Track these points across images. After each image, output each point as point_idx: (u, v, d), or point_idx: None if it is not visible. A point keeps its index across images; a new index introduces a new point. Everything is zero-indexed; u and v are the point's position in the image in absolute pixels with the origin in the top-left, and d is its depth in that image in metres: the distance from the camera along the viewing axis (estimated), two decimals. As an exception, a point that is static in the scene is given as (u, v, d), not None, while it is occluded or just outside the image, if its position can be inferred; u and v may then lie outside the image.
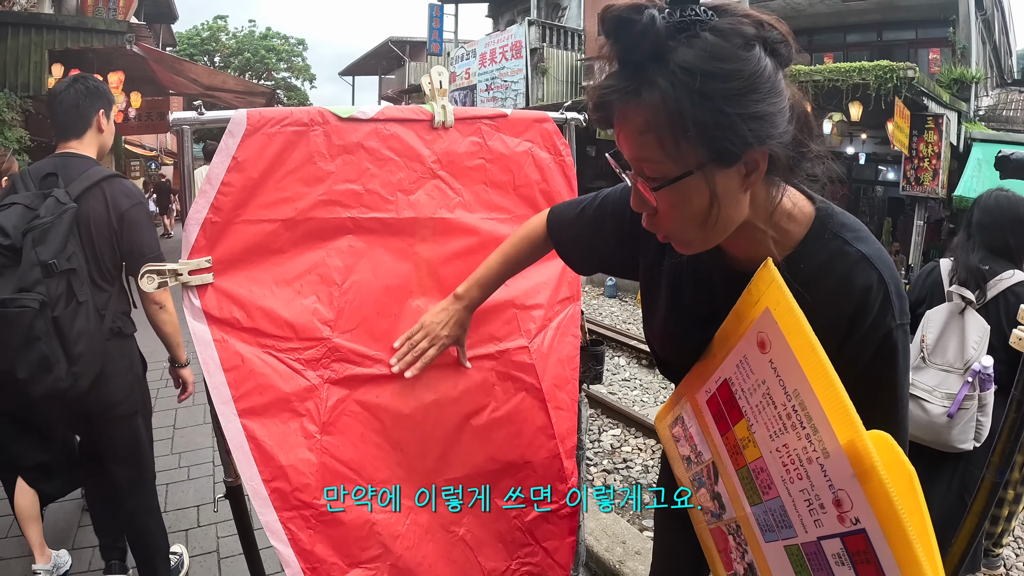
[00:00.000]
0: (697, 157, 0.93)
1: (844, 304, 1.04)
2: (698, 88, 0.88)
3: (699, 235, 1.04)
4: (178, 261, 1.59)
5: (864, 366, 1.05)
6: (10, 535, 3.41)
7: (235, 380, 1.59)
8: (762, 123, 0.92)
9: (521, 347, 1.97)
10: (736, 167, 0.96)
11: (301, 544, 1.62)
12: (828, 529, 0.96)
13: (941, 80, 11.43)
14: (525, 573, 2.00)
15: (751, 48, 0.91)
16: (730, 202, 0.99)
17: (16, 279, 2.15)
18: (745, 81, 0.90)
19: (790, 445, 1.01)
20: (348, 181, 1.72)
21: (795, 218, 1.09)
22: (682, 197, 0.98)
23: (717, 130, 0.90)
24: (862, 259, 1.04)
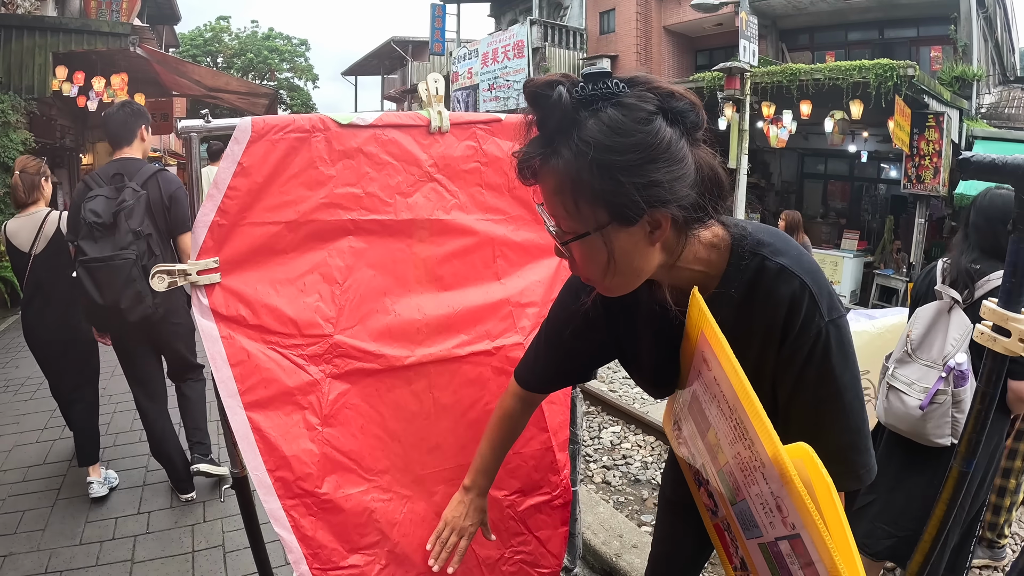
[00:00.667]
0: (598, 219, 1.04)
1: (775, 314, 1.13)
2: (597, 159, 0.98)
3: (613, 282, 1.13)
4: (187, 262, 1.67)
5: (802, 364, 1.13)
6: (19, 531, 3.48)
7: (241, 374, 1.67)
8: (658, 190, 1.00)
9: (516, 343, 2.04)
10: (639, 226, 1.04)
11: (303, 531, 1.70)
12: (779, 531, 1.05)
13: (942, 78, 11.43)
14: (518, 562, 2.07)
15: (651, 121, 0.99)
16: (637, 255, 1.09)
17: (113, 242, 3.12)
18: (641, 153, 0.98)
19: (741, 454, 1.10)
20: (348, 184, 1.80)
21: (716, 247, 1.18)
22: (588, 251, 1.09)
23: (614, 196, 1.00)
24: (782, 271, 1.13)
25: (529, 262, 2.11)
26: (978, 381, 1.36)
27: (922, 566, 1.48)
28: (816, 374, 1.13)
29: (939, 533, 1.45)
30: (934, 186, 9.78)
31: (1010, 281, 1.29)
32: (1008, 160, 1.23)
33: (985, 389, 1.34)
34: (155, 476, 4.12)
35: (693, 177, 1.04)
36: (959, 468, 1.39)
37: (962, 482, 1.40)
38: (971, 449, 1.37)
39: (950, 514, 1.43)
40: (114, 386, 5.80)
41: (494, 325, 2.02)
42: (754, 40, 11.88)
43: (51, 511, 3.70)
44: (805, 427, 1.15)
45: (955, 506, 1.42)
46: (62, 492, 3.91)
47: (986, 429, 1.37)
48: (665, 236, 1.08)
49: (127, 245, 3.14)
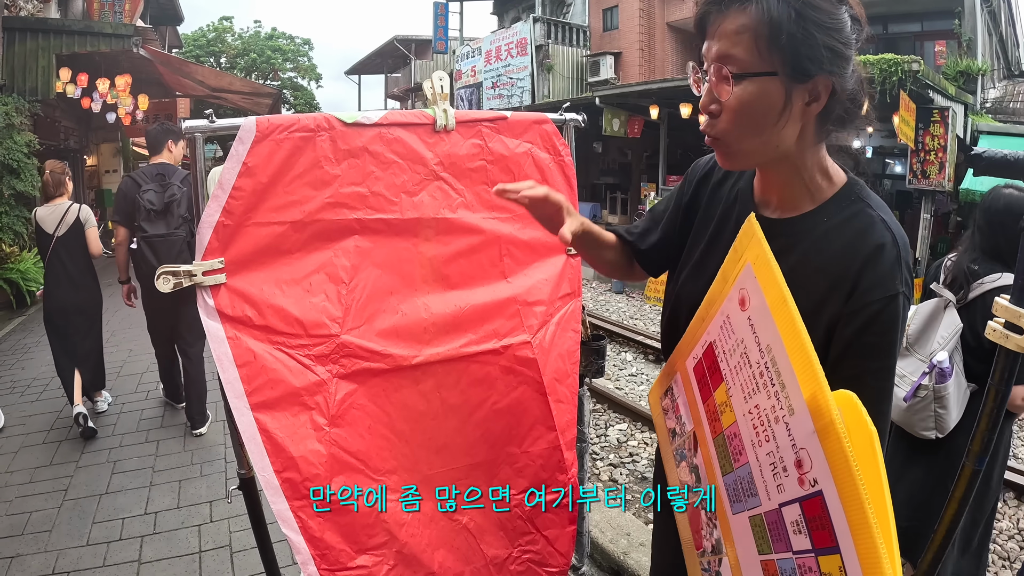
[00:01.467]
0: (780, 63, 1.07)
1: (855, 256, 1.11)
2: (798, 9, 1.04)
3: (749, 144, 1.15)
4: (192, 263, 1.66)
5: (864, 325, 1.10)
6: (26, 532, 3.49)
7: (248, 375, 1.66)
8: (836, 57, 1.07)
9: (523, 342, 2.04)
10: (804, 88, 1.09)
11: (311, 532, 1.70)
12: (789, 494, 0.98)
13: (947, 72, 11.40)
14: (526, 560, 2.07)
15: (841, 4, 1.08)
16: (787, 121, 1.11)
17: (167, 223, 4.32)
18: (832, 19, 1.06)
19: (761, 405, 1.04)
20: (354, 184, 1.79)
21: (830, 177, 1.20)
22: (755, 95, 1.10)
23: (803, 46, 1.05)
24: (880, 221, 1.13)
25: (536, 260, 2.10)
26: (990, 379, 1.35)
27: (932, 564, 1.47)
28: (873, 343, 1.10)
29: (950, 531, 1.43)
30: (939, 181, 9.74)
31: (1022, 278, 1.28)
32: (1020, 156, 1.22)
33: (998, 387, 1.33)
34: (161, 477, 4.13)
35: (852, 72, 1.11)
36: (972, 466, 1.37)
37: (974, 480, 1.39)
38: (984, 447, 1.35)
39: (961, 512, 1.42)
40: (120, 386, 5.83)
41: (501, 324, 2.01)
42: (758, 36, 11.82)
43: (58, 512, 3.71)
44: None
45: (967, 504, 1.40)
46: (69, 493, 3.92)
47: (998, 427, 1.36)
48: (815, 113, 1.11)
49: (178, 226, 4.42)
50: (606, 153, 19.02)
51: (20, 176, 9.18)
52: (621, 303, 11.45)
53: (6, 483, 4.07)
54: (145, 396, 5.59)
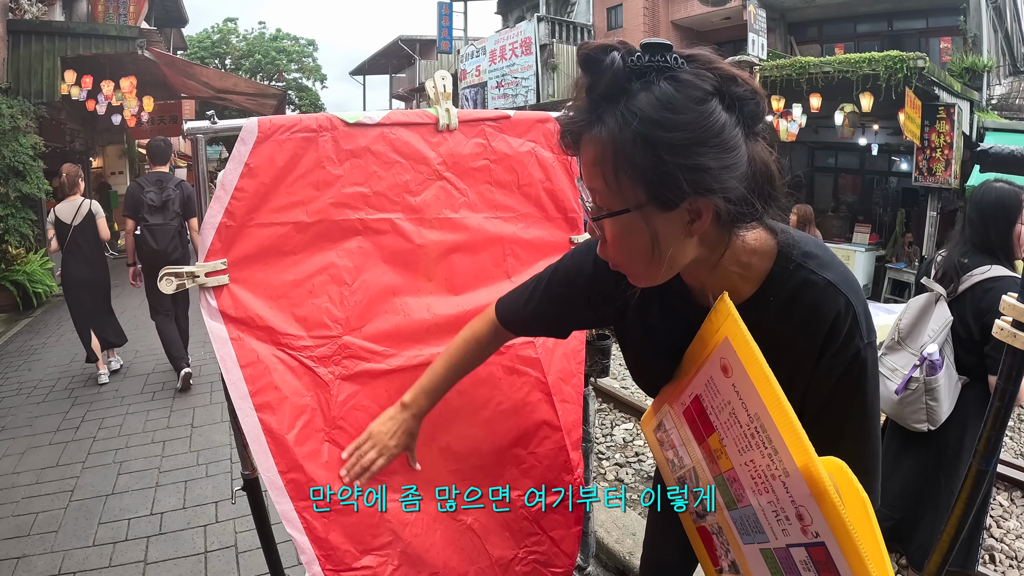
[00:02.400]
0: (637, 196, 0.97)
1: (816, 330, 1.09)
2: (642, 132, 0.92)
3: (644, 271, 1.07)
4: (195, 264, 1.66)
5: (835, 382, 1.11)
6: (32, 533, 3.50)
7: (251, 376, 1.66)
8: (703, 176, 0.93)
9: (527, 342, 2.03)
10: (677, 212, 0.98)
11: (316, 532, 1.69)
12: (794, 539, 1.02)
13: (952, 69, 11.33)
14: (532, 561, 2.06)
15: (705, 102, 0.93)
16: (673, 244, 1.02)
17: (164, 216, 5.58)
18: (690, 133, 0.92)
19: (756, 461, 1.07)
20: (356, 184, 1.79)
21: (759, 252, 1.12)
22: (623, 231, 1.02)
23: (655, 175, 0.94)
24: (828, 286, 1.08)
25: (539, 260, 2.09)
26: (998, 378, 1.34)
27: (940, 565, 1.46)
28: (847, 394, 1.12)
29: (958, 531, 1.42)
30: (946, 178, 9.70)
31: (1030, 275, 1.27)
32: None
33: (1005, 386, 1.31)
34: (167, 478, 4.14)
35: (744, 170, 0.97)
36: (978, 466, 1.36)
37: (981, 480, 1.37)
38: (990, 447, 1.34)
39: (969, 511, 1.41)
40: (127, 387, 5.85)
41: None
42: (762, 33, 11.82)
43: (64, 513, 3.72)
44: (826, 445, 1.09)
45: (974, 503, 1.39)
46: (75, 494, 3.94)
47: (1006, 426, 1.35)
48: (704, 228, 1.01)
49: (172, 219, 5.74)
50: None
51: (26, 178, 9.21)
52: (626, 302, 11.43)
53: (12, 484, 4.09)
54: (151, 397, 5.61)
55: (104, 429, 4.93)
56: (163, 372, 6.29)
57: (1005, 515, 4.15)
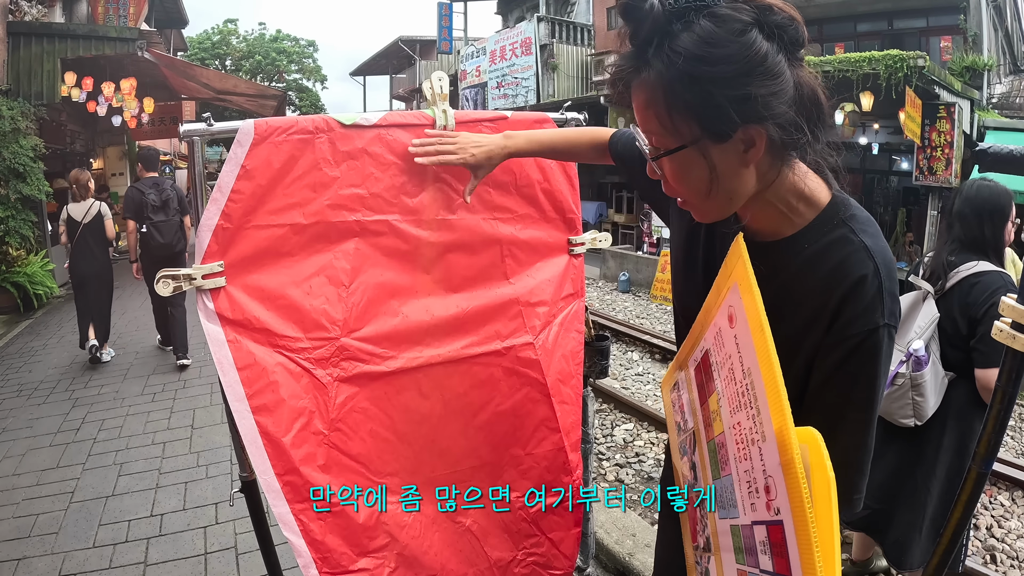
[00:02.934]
0: (691, 132, 1.00)
1: (835, 288, 1.06)
2: (688, 70, 0.95)
3: (706, 205, 1.09)
4: (192, 266, 1.66)
5: (844, 358, 1.07)
6: (33, 535, 3.50)
7: (248, 378, 1.66)
8: (752, 104, 0.96)
9: (526, 343, 2.03)
10: (731, 143, 1.00)
11: (313, 535, 1.69)
12: (759, 515, 0.99)
13: (953, 68, 11.32)
14: (531, 563, 2.06)
15: (745, 32, 0.95)
16: (730, 175, 1.04)
17: (166, 213, 6.33)
18: (735, 65, 0.95)
19: (742, 423, 1.03)
20: (353, 186, 1.78)
21: (808, 200, 1.12)
22: (682, 168, 1.05)
23: (706, 109, 0.97)
24: (862, 248, 1.06)
25: (538, 260, 2.10)
26: (997, 380, 1.33)
27: (937, 568, 1.45)
28: (854, 374, 1.07)
29: (956, 534, 1.41)
30: (946, 178, 9.68)
31: (1031, 275, 1.26)
32: None
33: (1004, 388, 1.30)
34: (167, 479, 4.14)
35: (791, 94, 1.00)
36: (978, 469, 1.35)
37: (981, 483, 1.36)
38: (990, 450, 1.33)
39: (968, 515, 1.40)
40: (127, 389, 5.84)
41: (504, 325, 2.01)
42: (762, 33, 11.78)
43: (64, 514, 3.72)
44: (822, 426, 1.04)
45: (973, 507, 1.39)
46: (75, 495, 3.93)
47: (1005, 428, 1.34)
48: (760, 156, 1.03)
49: (174, 215, 6.47)
50: (612, 152, 18.96)
51: (26, 180, 9.20)
52: (627, 302, 11.43)
53: (13, 486, 4.08)
54: (152, 399, 5.61)
55: (104, 431, 4.93)
56: (164, 374, 6.29)
57: (1006, 515, 4.14)
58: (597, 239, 2.26)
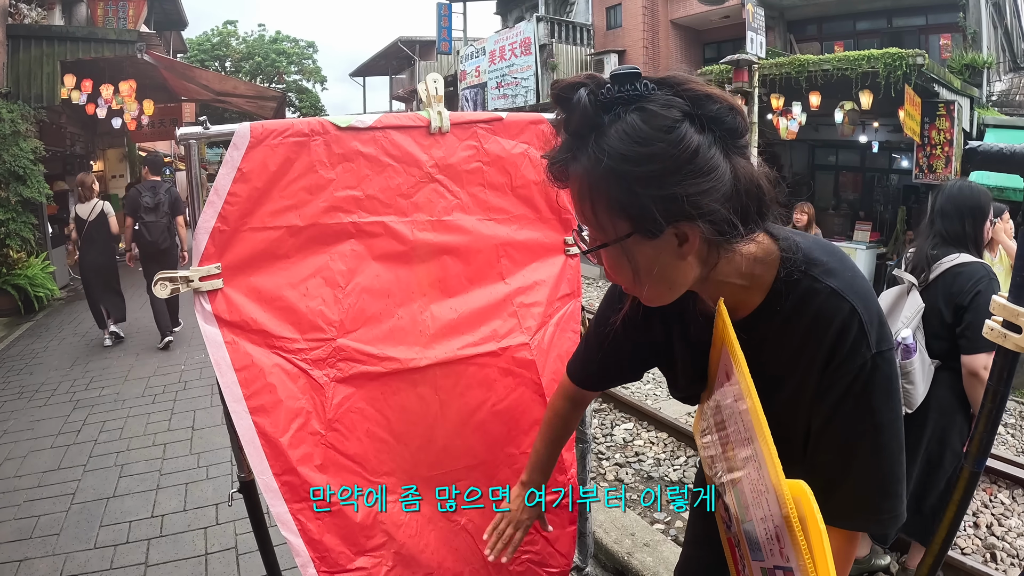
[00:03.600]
0: (617, 229, 0.98)
1: (821, 339, 1.06)
2: (613, 168, 0.93)
3: (646, 292, 1.07)
4: (189, 268, 1.66)
5: (841, 395, 1.07)
6: (34, 536, 3.51)
7: (245, 379, 1.67)
8: (679, 204, 0.93)
9: (522, 344, 2.04)
10: (664, 238, 0.97)
11: (310, 534, 1.70)
12: (776, 560, 1.02)
13: (952, 66, 11.31)
14: (526, 561, 2.07)
15: (674, 129, 0.92)
16: (669, 268, 1.02)
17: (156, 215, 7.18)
18: (660, 164, 0.92)
19: (751, 474, 1.07)
20: (348, 188, 1.79)
21: (762, 261, 1.10)
22: (615, 260, 1.04)
23: (632, 208, 0.95)
24: (832, 294, 1.06)
25: (533, 261, 2.10)
26: (988, 379, 1.33)
27: (932, 567, 1.46)
28: (854, 407, 1.07)
29: (949, 534, 1.42)
30: (946, 176, 9.66)
31: (1020, 275, 1.26)
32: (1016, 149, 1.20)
33: (996, 387, 1.31)
34: (168, 480, 4.16)
35: (727, 189, 0.96)
36: (971, 468, 1.36)
37: (973, 482, 1.37)
38: (982, 449, 1.34)
39: (961, 514, 1.40)
40: (128, 390, 5.86)
41: (499, 326, 2.02)
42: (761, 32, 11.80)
43: (66, 516, 3.73)
44: (834, 461, 1.10)
45: (966, 506, 1.39)
46: (77, 497, 3.95)
47: (996, 428, 1.35)
48: (695, 250, 1.00)
49: (163, 216, 7.25)
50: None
51: (26, 182, 9.22)
52: (627, 301, 11.43)
53: (14, 487, 4.10)
54: (152, 400, 5.62)
55: (105, 432, 4.95)
56: (164, 375, 6.31)
57: (1007, 513, 4.14)
58: (593, 239, 2.26)
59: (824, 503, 1.01)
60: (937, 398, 2.66)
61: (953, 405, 2.67)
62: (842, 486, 1.09)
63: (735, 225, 0.98)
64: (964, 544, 3.73)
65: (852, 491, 1.08)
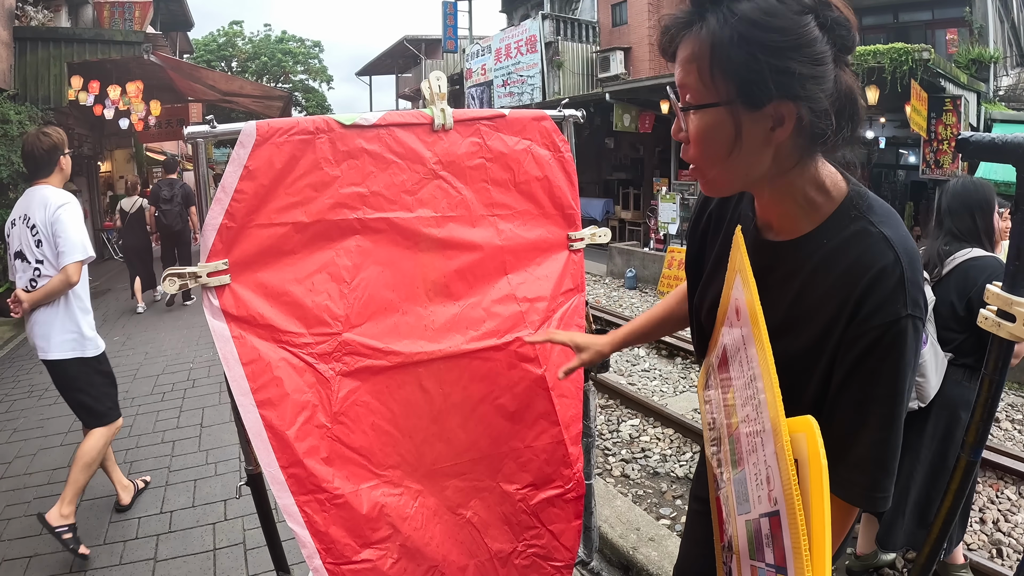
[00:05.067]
0: (728, 92, 1.02)
1: (856, 281, 1.05)
2: (740, 31, 0.97)
3: (718, 172, 1.10)
4: (197, 264, 1.69)
5: (865, 350, 1.05)
6: (44, 533, 3.54)
7: (253, 373, 1.69)
8: (791, 80, 0.98)
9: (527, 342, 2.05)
10: (762, 115, 1.02)
11: (316, 526, 1.73)
12: (764, 507, 1.01)
13: (959, 61, 11.27)
14: (531, 555, 2.09)
15: (803, 15, 0.98)
16: (752, 148, 1.05)
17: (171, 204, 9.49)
18: (785, 37, 0.97)
19: (750, 416, 1.06)
20: (353, 184, 1.82)
21: (826, 192, 1.12)
22: (709, 126, 1.06)
23: (747, 72, 0.99)
24: (882, 239, 1.06)
25: (537, 256, 2.12)
26: (984, 368, 1.34)
27: (929, 557, 1.47)
28: (876, 368, 1.05)
29: (947, 523, 1.43)
30: (953, 171, 9.65)
31: (1014, 264, 1.26)
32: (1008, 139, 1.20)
33: (992, 376, 1.32)
34: (177, 476, 4.19)
35: (830, 86, 1.01)
36: (967, 458, 1.37)
37: (970, 471, 1.38)
38: (979, 438, 1.35)
39: (958, 503, 1.41)
40: (136, 388, 5.90)
41: (503, 320, 2.03)
42: (766, 28, 11.76)
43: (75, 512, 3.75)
44: (846, 422, 1.09)
45: (963, 495, 1.40)
46: (86, 494, 3.97)
47: (993, 417, 1.36)
48: (785, 137, 1.04)
49: (176, 206, 9.40)
50: (617, 149, 18.96)
51: (35, 183, 9.27)
52: (634, 299, 11.43)
53: (24, 484, 4.14)
54: (161, 398, 5.66)
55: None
56: (172, 373, 6.35)
57: (1013, 509, 4.14)
58: (596, 235, 2.27)
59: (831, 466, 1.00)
60: (942, 397, 2.66)
61: (958, 403, 2.67)
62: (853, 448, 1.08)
63: (830, 120, 1.02)
64: (971, 540, 3.74)
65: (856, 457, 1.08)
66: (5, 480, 4.23)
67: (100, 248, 14.73)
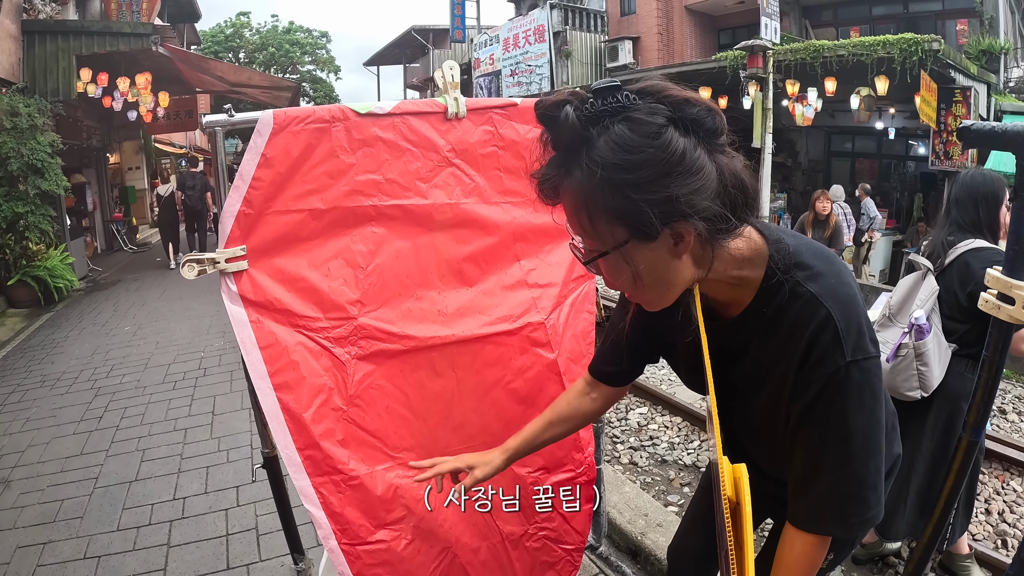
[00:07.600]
0: (616, 236, 1.01)
1: (796, 343, 1.11)
2: (607, 178, 0.96)
3: (646, 296, 1.12)
4: (215, 250, 1.73)
5: (812, 399, 1.11)
6: (58, 520, 3.59)
7: (270, 357, 1.73)
8: (673, 204, 0.97)
9: (538, 323, 2.08)
10: (661, 240, 1.01)
11: (332, 507, 1.76)
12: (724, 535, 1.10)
13: (969, 52, 11.20)
14: (542, 537, 2.12)
15: (660, 135, 0.96)
16: (664, 268, 1.06)
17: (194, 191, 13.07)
18: (652, 169, 0.96)
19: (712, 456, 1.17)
20: (369, 172, 1.85)
21: (749, 262, 1.14)
22: (614, 267, 1.07)
23: (627, 215, 0.98)
24: (811, 299, 1.10)
25: (548, 243, 2.15)
26: (984, 350, 1.37)
27: (931, 537, 1.49)
28: (824, 413, 1.11)
29: (948, 504, 1.46)
30: (962, 162, 9.59)
31: (1013, 249, 1.29)
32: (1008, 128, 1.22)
33: (991, 358, 1.34)
34: (189, 464, 4.23)
35: (715, 186, 1.00)
36: (968, 438, 1.39)
37: (971, 452, 1.40)
38: (980, 419, 1.37)
39: (959, 483, 1.43)
40: (148, 378, 5.95)
41: (515, 306, 2.06)
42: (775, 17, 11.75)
43: (89, 499, 3.81)
44: (806, 462, 1.16)
45: (964, 475, 1.43)
46: (100, 481, 4.03)
47: (993, 399, 1.38)
48: (690, 249, 1.04)
49: (198, 192, 12.97)
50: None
51: (44, 175, 9.31)
52: (640, 290, 11.44)
53: (38, 473, 4.19)
54: (173, 387, 5.71)
55: (127, 418, 5.03)
56: (184, 362, 6.40)
57: (1019, 500, 4.14)
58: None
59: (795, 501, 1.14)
60: (944, 387, 2.67)
61: (960, 394, 2.67)
62: (814, 486, 1.15)
63: (727, 219, 1.02)
64: (976, 530, 3.75)
65: (820, 493, 1.14)
66: (19, 468, 4.28)
67: (110, 239, 14.95)
